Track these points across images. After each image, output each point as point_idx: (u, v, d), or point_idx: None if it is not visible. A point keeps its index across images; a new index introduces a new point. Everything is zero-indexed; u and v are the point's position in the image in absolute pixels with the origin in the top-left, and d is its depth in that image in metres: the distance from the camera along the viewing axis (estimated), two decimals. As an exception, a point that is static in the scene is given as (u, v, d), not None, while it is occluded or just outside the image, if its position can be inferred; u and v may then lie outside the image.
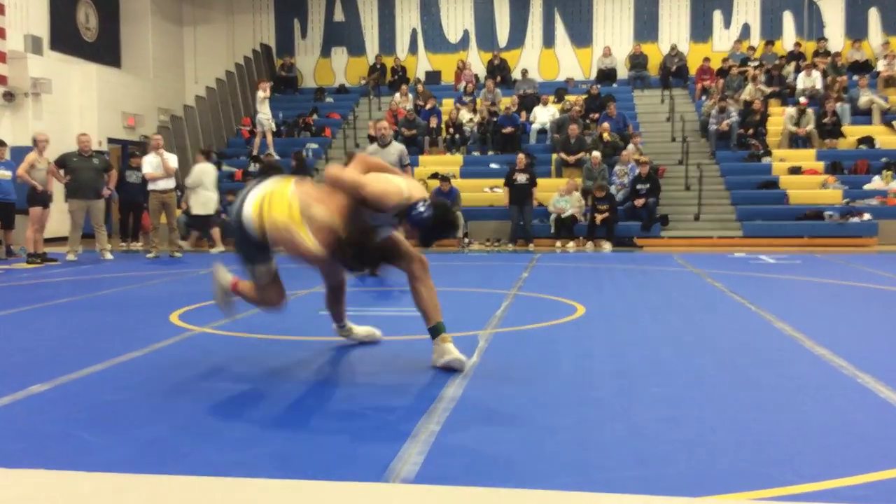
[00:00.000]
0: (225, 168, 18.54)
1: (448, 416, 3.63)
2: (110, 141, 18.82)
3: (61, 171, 12.61)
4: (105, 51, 20.36)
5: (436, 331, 4.54)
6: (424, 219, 4.24)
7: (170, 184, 13.03)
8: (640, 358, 5.00)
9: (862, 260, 11.94)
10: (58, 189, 13.24)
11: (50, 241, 14.02)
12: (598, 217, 14.81)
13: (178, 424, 3.54)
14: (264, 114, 18.35)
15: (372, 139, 6.58)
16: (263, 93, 18.14)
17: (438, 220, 4.28)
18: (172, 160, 13.16)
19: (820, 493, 2.69)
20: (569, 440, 3.30)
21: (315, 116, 20.73)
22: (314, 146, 19.29)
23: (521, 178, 15.05)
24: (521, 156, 15.41)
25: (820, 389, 4.18)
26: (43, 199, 12.34)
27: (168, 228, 13.33)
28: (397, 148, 10.02)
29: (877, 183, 16.00)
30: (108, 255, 12.71)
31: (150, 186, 13.06)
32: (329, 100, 22.02)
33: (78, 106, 18.44)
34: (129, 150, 17.22)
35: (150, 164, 12.99)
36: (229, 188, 16.64)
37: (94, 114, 18.61)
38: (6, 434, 3.44)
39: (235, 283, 4.81)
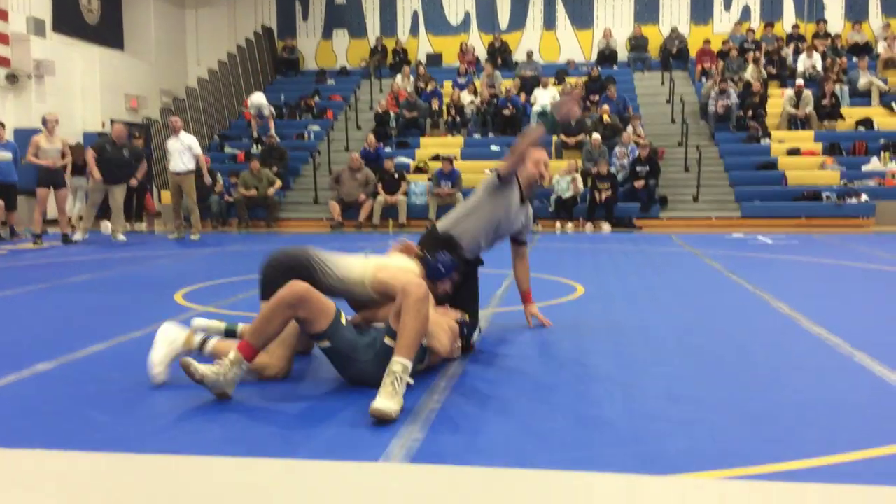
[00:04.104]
0: (227, 150, 18.58)
1: (448, 395, 3.69)
2: (113, 123, 18.78)
3: (91, 153, 12.74)
4: (107, 33, 20.32)
5: None
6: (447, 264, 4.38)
7: (189, 165, 13.01)
8: (639, 337, 5.06)
9: (859, 240, 11.99)
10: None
11: (51, 222, 14.09)
12: (601, 194, 14.86)
13: (182, 403, 3.59)
14: (262, 103, 18.52)
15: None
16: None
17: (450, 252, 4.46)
18: (194, 143, 13.15)
19: (817, 469, 2.74)
20: (567, 418, 3.36)
21: (317, 98, 20.71)
22: (316, 128, 19.31)
23: None
24: None
25: (817, 368, 4.24)
26: (52, 180, 12.21)
27: (185, 210, 13.37)
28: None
29: (875, 164, 16.02)
30: (121, 237, 12.76)
31: (169, 168, 13.08)
32: (330, 82, 22.00)
33: (80, 88, 18.44)
34: (131, 132, 17.24)
35: (173, 148, 12.97)
36: (232, 170, 16.70)
37: (96, 96, 18.63)
38: (13, 412, 3.50)
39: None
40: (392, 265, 4.29)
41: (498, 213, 4.93)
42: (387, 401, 3.27)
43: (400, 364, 3.42)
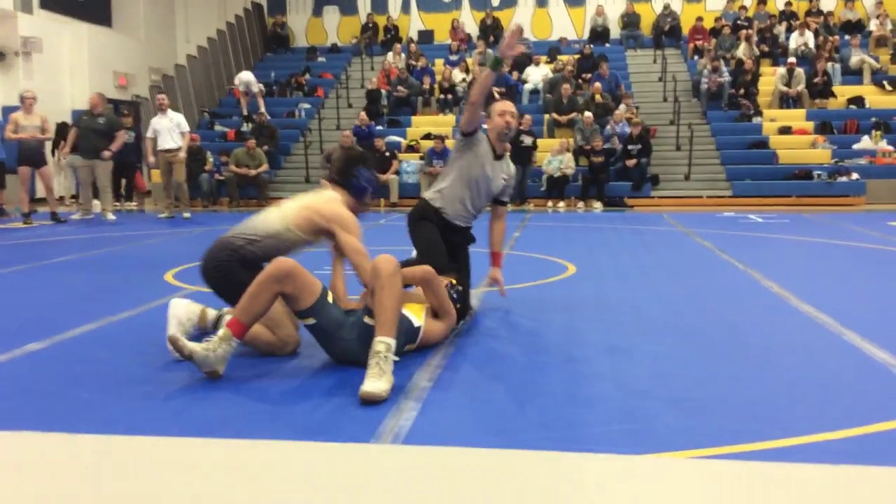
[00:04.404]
0: (217, 128, 18.48)
1: (440, 374, 3.70)
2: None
3: (74, 130, 12.69)
4: (96, 9, 20.13)
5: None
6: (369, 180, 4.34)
7: (178, 143, 12.95)
8: (630, 316, 5.07)
9: (849, 219, 12.03)
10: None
11: (38, 202, 14.05)
12: (595, 160, 14.89)
13: (172, 383, 3.59)
14: (250, 80, 18.44)
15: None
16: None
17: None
18: (183, 121, 13.11)
19: (806, 447, 2.76)
20: (558, 396, 3.37)
21: (307, 76, 20.59)
22: (306, 106, 19.21)
23: (527, 139, 15.10)
24: (526, 117, 15.43)
25: (806, 346, 4.26)
26: (32, 158, 12.08)
27: (174, 188, 13.31)
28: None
29: (866, 143, 16.04)
30: (111, 217, 12.71)
31: (158, 146, 12.99)
32: (321, 59, 21.86)
33: (69, 65, 18.30)
34: (121, 110, 17.14)
35: (161, 126, 12.90)
36: (222, 148, 16.62)
37: (84, 73, 18.48)
38: (4, 392, 3.50)
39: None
40: (314, 200, 4.21)
41: (473, 170, 4.90)
42: (375, 382, 3.27)
43: (382, 343, 3.42)
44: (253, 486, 2.41)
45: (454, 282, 4.48)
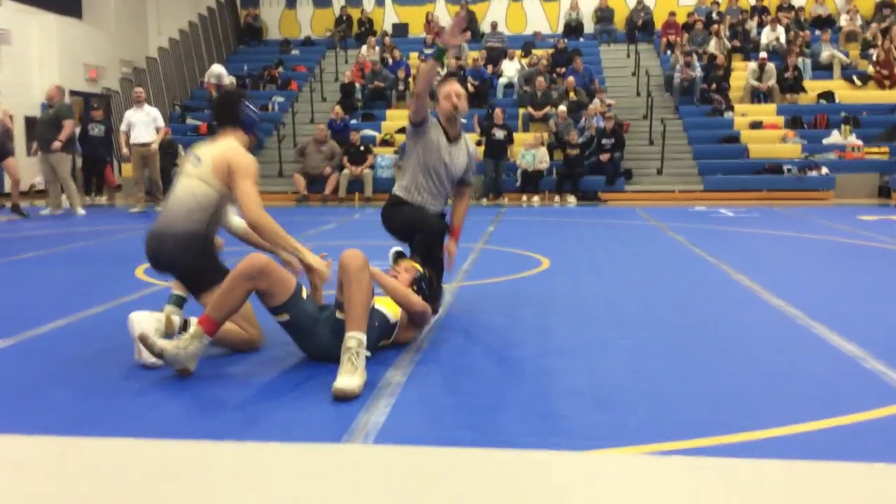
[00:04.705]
0: (189, 121, 18.32)
1: (414, 369, 3.70)
2: (72, 93, 18.45)
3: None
4: (65, 1, 19.84)
5: None
6: None
7: (150, 136, 12.84)
8: (603, 310, 5.10)
9: (818, 213, 12.17)
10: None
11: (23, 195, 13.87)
12: (570, 153, 14.92)
13: (142, 381, 3.55)
14: (221, 73, 18.29)
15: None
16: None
17: None
18: (159, 116, 13.01)
19: (776, 439, 2.79)
20: (532, 390, 3.38)
21: (281, 69, 20.46)
22: (280, 99, 19.09)
23: (499, 133, 15.10)
24: (497, 111, 15.44)
25: (776, 339, 4.30)
26: None
27: (147, 182, 13.19)
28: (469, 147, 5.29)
29: (835, 137, 16.21)
30: (80, 211, 12.58)
31: (132, 140, 12.85)
32: (295, 52, 21.72)
33: (38, 58, 18.03)
34: (91, 104, 16.95)
35: (136, 119, 12.78)
36: (193, 142, 16.47)
37: (54, 66, 18.21)
38: (-28, 389, 3.45)
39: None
40: (215, 148, 4.09)
41: (429, 159, 4.84)
42: (347, 378, 3.25)
43: (354, 339, 3.40)
44: (222, 488, 2.40)
45: (422, 269, 4.41)
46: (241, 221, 4.40)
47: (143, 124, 12.73)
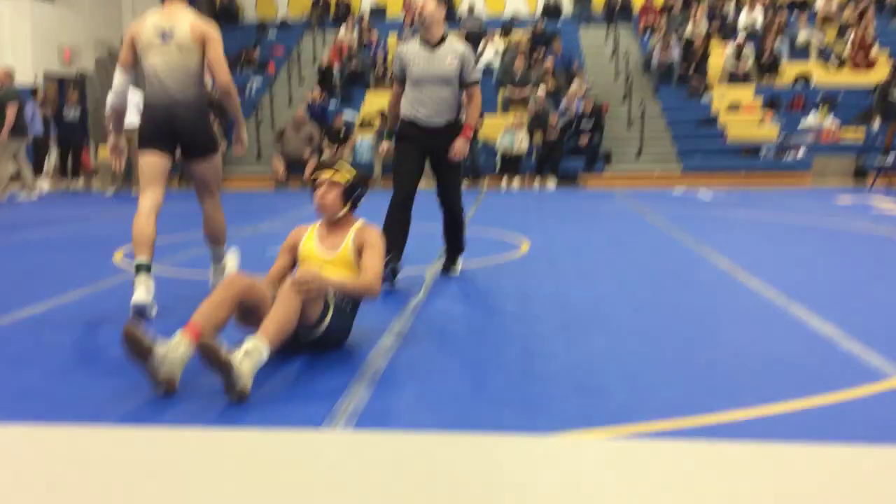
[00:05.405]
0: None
1: (395, 353, 3.69)
2: (46, 77, 18.19)
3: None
4: (37, -19, 19.51)
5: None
6: None
7: (134, 121, 12.70)
8: (582, 294, 5.12)
9: (795, 195, 12.27)
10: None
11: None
12: (550, 135, 14.91)
13: (118, 369, 3.51)
14: None
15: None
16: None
17: None
18: (140, 100, 12.86)
19: (753, 420, 2.81)
20: (513, 374, 3.39)
21: (258, 51, 20.26)
22: (257, 82, 18.90)
23: None
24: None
25: (754, 321, 4.34)
26: None
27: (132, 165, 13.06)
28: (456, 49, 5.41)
29: (812, 119, 16.32)
30: (28, 195, 12.52)
31: (127, 125, 12.68)
32: (272, 34, 21.53)
33: (10, 39, 17.73)
34: (67, 86, 16.73)
35: (132, 103, 12.64)
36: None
37: (27, 48, 17.90)
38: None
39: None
40: (182, 20, 4.60)
41: (413, 73, 5.35)
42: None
43: (254, 343, 3.12)
44: (200, 476, 2.39)
45: (348, 176, 3.95)
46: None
47: (134, 106, 12.61)
